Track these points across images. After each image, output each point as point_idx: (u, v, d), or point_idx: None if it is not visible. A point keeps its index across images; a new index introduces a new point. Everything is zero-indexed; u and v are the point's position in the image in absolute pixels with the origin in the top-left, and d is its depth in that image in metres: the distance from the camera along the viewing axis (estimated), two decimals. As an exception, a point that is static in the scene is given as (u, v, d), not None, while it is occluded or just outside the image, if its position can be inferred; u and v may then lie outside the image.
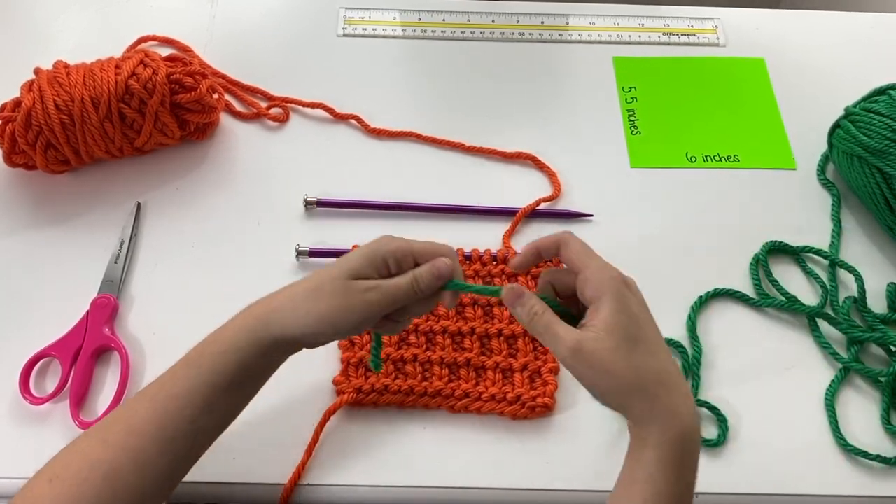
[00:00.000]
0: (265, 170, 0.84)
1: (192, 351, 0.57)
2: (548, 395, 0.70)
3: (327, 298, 0.55)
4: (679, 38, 0.97)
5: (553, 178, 0.84)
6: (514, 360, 0.71)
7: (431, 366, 0.71)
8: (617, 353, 0.50)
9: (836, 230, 0.81)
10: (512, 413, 0.69)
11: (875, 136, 0.77)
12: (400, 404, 0.70)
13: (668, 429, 0.50)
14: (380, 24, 0.97)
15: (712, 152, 0.87)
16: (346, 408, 0.69)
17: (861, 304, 0.76)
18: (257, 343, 0.55)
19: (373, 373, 0.69)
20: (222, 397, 0.56)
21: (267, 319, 0.56)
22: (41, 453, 0.60)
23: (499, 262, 0.76)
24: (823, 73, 0.94)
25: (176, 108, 0.80)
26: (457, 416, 0.70)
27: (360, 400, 0.69)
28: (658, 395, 0.50)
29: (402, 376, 0.71)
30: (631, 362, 0.50)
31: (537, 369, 0.71)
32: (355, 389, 0.69)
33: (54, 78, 0.77)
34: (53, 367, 0.71)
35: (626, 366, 0.50)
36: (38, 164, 0.78)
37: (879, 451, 0.68)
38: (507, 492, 0.67)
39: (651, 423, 0.50)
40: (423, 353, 0.72)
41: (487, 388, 0.70)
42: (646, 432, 0.50)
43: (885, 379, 0.71)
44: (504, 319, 0.73)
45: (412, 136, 0.87)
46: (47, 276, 0.76)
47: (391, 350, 0.72)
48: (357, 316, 0.55)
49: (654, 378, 0.51)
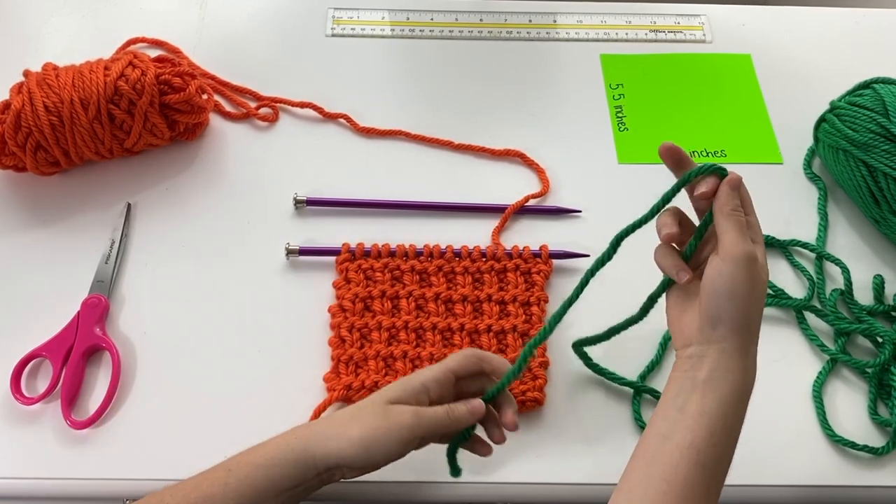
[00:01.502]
0: (255, 169, 0.85)
1: (233, 457, 0.57)
2: (537, 390, 0.70)
3: (368, 419, 0.56)
4: (666, 34, 0.98)
5: (542, 174, 0.84)
6: (504, 356, 0.72)
7: (422, 362, 0.72)
8: (764, 289, 0.55)
9: (823, 223, 0.82)
10: None
11: (860, 129, 0.78)
12: None
13: (749, 369, 0.55)
14: (368, 23, 0.97)
15: (699, 147, 0.88)
16: (338, 403, 0.70)
17: (848, 296, 0.76)
18: (293, 461, 0.55)
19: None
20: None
21: (307, 437, 0.56)
22: (33, 453, 0.60)
23: (488, 258, 0.77)
24: (809, 68, 0.95)
25: (165, 109, 0.80)
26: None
27: (349, 397, 0.70)
28: (754, 343, 0.55)
29: (392, 373, 0.71)
30: (761, 305, 0.55)
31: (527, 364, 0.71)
32: (345, 387, 0.70)
33: (43, 80, 0.77)
34: (45, 367, 0.71)
35: (761, 303, 0.55)
36: (28, 165, 0.78)
37: (867, 441, 0.69)
38: (500, 486, 0.67)
39: (739, 360, 0.54)
40: (413, 349, 0.72)
41: None
42: (731, 366, 0.54)
43: (872, 370, 0.72)
44: (493, 316, 0.73)
45: (401, 134, 0.87)
46: (38, 276, 0.76)
47: (381, 347, 0.72)
48: (395, 437, 0.56)
49: (757, 332, 0.56)
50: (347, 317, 0.73)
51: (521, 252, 0.76)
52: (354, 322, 0.73)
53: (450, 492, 0.67)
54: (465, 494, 0.67)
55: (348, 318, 0.73)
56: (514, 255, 0.76)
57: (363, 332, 0.73)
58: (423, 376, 0.59)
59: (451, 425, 0.58)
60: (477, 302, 0.74)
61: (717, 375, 0.53)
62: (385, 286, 0.74)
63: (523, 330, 0.73)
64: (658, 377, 0.73)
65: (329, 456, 0.55)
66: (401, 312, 0.74)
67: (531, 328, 0.73)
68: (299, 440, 0.56)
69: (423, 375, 0.59)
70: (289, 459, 0.55)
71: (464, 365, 0.61)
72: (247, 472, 0.55)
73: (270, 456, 0.56)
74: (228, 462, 0.57)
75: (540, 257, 0.76)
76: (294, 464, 0.55)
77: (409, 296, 0.74)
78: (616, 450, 0.68)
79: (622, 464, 0.68)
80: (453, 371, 0.60)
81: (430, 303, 0.74)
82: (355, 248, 0.76)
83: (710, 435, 0.52)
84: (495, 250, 0.77)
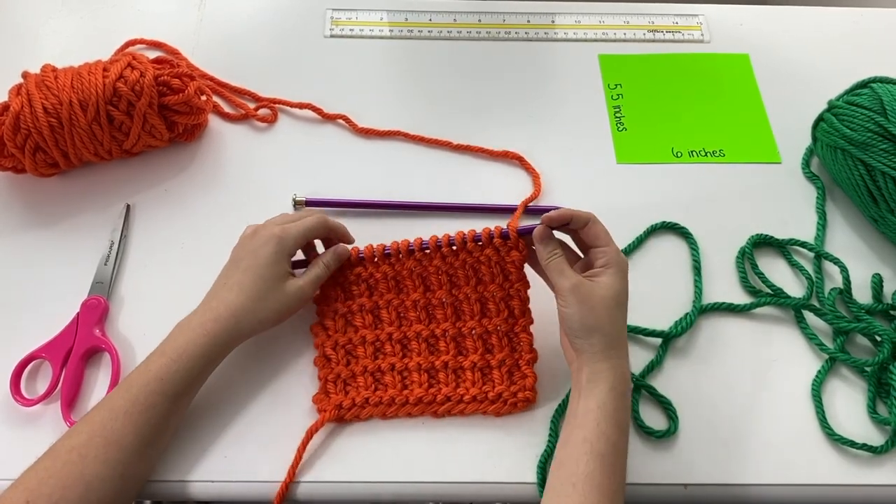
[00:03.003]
0: (254, 170, 0.85)
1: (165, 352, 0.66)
2: (528, 389, 0.70)
3: (273, 299, 0.69)
4: (664, 34, 0.98)
5: (536, 179, 0.84)
6: (491, 357, 0.71)
7: (410, 373, 0.71)
8: (603, 301, 0.63)
9: (821, 222, 0.82)
10: (495, 411, 0.70)
11: (858, 128, 0.78)
12: (382, 416, 0.70)
13: (616, 366, 0.62)
14: (366, 24, 0.97)
15: (698, 147, 0.88)
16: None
17: (846, 295, 0.76)
18: (226, 343, 0.67)
19: (352, 386, 0.71)
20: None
21: (237, 318, 0.67)
22: (32, 454, 0.60)
23: (458, 248, 0.71)
24: (807, 67, 0.95)
25: (164, 110, 0.80)
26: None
27: (342, 416, 0.69)
28: (613, 346, 0.63)
29: (381, 387, 0.71)
30: (609, 313, 0.63)
31: (515, 363, 0.71)
32: (336, 406, 0.69)
33: (42, 81, 0.77)
34: (44, 368, 0.71)
35: (605, 313, 0.63)
36: (28, 167, 0.78)
37: (866, 439, 0.69)
38: (499, 485, 0.67)
39: (605, 361, 0.62)
40: (399, 361, 0.72)
41: (468, 390, 0.70)
42: (599, 368, 0.62)
43: (871, 369, 0.72)
44: (475, 315, 0.72)
45: (399, 135, 0.87)
46: (37, 278, 0.76)
47: (368, 362, 0.72)
48: (297, 305, 0.71)
49: (617, 336, 0.63)
50: (330, 335, 0.73)
51: (492, 232, 0.69)
52: (338, 339, 0.72)
53: (449, 491, 0.67)
54: (464, 494, 0.67)
55: (331, 336, 0.73)
56: (483, 238, 0.69)
57: (348, 349, 0.72)
58: (289, 241, 0.70)
59: (330, 271, 0.73)
60: (456, 301, 0.72)
61: (592, 377, 0.62)
62: (363, 299, 0.73)
63: (507, 328, 0.71)
64: (657, 377, 0.73)
65: (254, 329, 0.68)
66: (383, 324, 0.73)
67: (515, 323, 0.71)
68: (229, 321, 0.67)
69: (287, 240, 0.70)
70: (223, 342, 0.66)
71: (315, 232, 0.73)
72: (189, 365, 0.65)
73: (205, 352, 0.66)
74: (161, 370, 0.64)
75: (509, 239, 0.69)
76: (228, 345, 0.67)
77: (389, 305, 0.73)
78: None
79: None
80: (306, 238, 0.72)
81: (410, 311, 0.72)
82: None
83: (596, 426, 0.60)
84: (464, 234, 0.70)
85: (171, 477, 0.66)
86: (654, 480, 0.68)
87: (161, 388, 0.63)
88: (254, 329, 0.68)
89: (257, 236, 0.70)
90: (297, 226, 0.71)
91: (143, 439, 0.62)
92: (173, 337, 0.66)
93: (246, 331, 0.68)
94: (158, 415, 0.63)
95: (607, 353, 0.62)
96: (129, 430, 0.61)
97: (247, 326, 0.67)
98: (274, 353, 0.73)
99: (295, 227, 0.71)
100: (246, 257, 0.69)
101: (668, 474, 0.68)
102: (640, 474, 0.68)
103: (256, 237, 0.70)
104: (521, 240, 0.69)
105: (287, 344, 0.73)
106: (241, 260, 0.69)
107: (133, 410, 0.62)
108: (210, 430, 0.69)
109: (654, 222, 0.81)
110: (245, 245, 0.70)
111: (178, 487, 0.66)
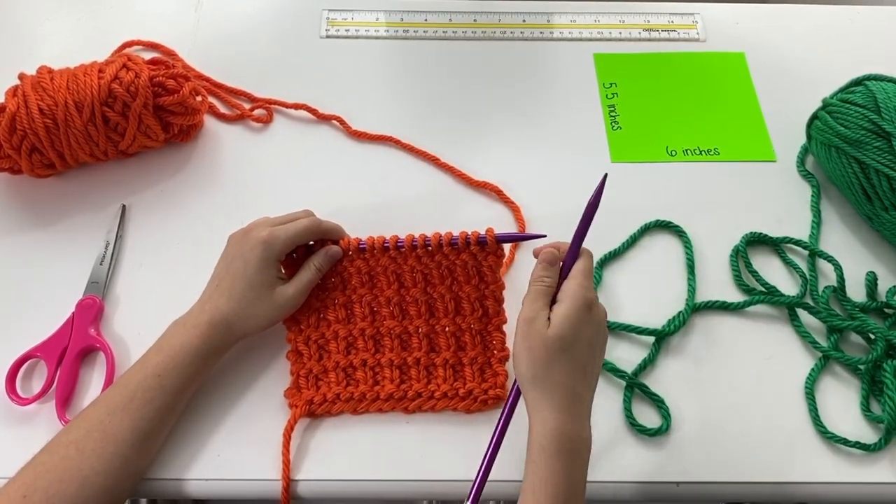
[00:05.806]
0: (249, 171, 0.85)
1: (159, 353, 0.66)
2: (499, 386, 0.70)
3: (263, 307, 0.69)
4: (659, 33, 0.98)
5: (517, 213, 0.82)
6: (463, 354, 0.71)
7: (382, 369, 0.71)
8: (545, 344, 0.58)
9: (816, 220, 0.82)
10: (465, 408, 0.70)
11: (852, 126, 0.78)
12: (353, 411, 0.70)
13: (545, 419, 0.57)
14: (362, 25, 0.97)
15: (692, 146, 0.88)
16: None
17: (840, 293, 0.76)
18: (221, 349, 0.69)
19: (323, 381, 0.71)
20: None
21: (229, 321, 0.68)
22: (27, 453, 0.61)
23: (433, 250, 0.70)
24: (802, 65, 0.95)
25: (159, 111, 0.81)
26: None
27: (312, 411, 0.69)
28: (545, 396, 0.58)
29: (353, 383, 0.71)
30: (550, 360, 0.58)
31: (487, 360, 0.71)
32: (307, 401, 0.69)
33: (38, 83, 0.78)
34: (39, 367, 0.72)
35: (544, 360, 0.58)
36: (24, 168, 0.79)
37: (859, 437, 0.69)
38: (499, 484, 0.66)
39: (533, 412, 0.58)
40: (371, 357, 0.72)
41: (439, 386, 0.70)
42: (532, 418, 0.58)
43: (865, 367, 0.72)
44: (449, 314, 0.71)
45: (391, 140, 0.87)
46: (33, 278, 0.77)
47: (340, 358, 0.72)
48: (288, 312, 0.71)
49: (554, 384, 0.58)
50: (303, 329, 0.72)
51: (469, 237, 0.69)
52: (310, 334, 0.72)
53: (447, 490, 0.68)
54: (464, 493, 0.67)
55: (304, 331, 0.72)
56: (460, 242, 0.69)
57: (320, 344, 0.72)
58: (276, 247, 0.69)
59: (322, 274, 0.71)
60: (430, 299, 0.72)
61: (531, 424, 0.59)
62: (336, 293, 0.73)
63: (480, 327, 0.71)
64: (651, 376, 0.73)
65: (246, 333, 0.69)
66: (355, 319, 0.73)
67: (489, 322, 0.71)
68: (221, 326, 0.67)
69: (274, 247, 0.69)
70: (218, 344, 0.67)
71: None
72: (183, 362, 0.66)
73: (201, 353, 0.66)
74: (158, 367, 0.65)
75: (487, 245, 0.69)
76: (223, 347, 0.68)
77: (362, 300, 0.72)
78: (607, 447, 0.69)
79: (614, 460, 0.69)
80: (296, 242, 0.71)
81: (384, 307, 0.72)
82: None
83: (532, 494, 0.56)
84: (440, 238, 0.70)
85: (167, 475, 0.67)
86: (646, 478, 0.68)
87: (158, 383, 0.64)
88: (245, 333, 0.69)
89: (248, 238, 0.69)
90: (287, 229, 0.69)
91: (141, 434, 0.62)
92: (169, 335, 0.67)
93: (238, 335, 0.69)
94: (155, 410, 0.63)
95: (535, 403, 0.58)
96: (126, 426, 0.62)
97: (238, 331, 0.68)
98: (264, 351, 0.73)
99: (284, 232, 0.69)
100: (236, 260, 0.69)
101: (661, 472, 0.68)
102: (632, 472, 0.68)
103: (247, 239, 0.69)
104: (499, 246, 0.69)
105: (276, 341, 0.73)
106: (232, 261, 0.69)
107: (130, 406, 0.62)
108: (204, 429, 0.69)
109: (648, 221, 0.81)
110: (236, 245, 0.70)
111: (174, 486, 0.67)
